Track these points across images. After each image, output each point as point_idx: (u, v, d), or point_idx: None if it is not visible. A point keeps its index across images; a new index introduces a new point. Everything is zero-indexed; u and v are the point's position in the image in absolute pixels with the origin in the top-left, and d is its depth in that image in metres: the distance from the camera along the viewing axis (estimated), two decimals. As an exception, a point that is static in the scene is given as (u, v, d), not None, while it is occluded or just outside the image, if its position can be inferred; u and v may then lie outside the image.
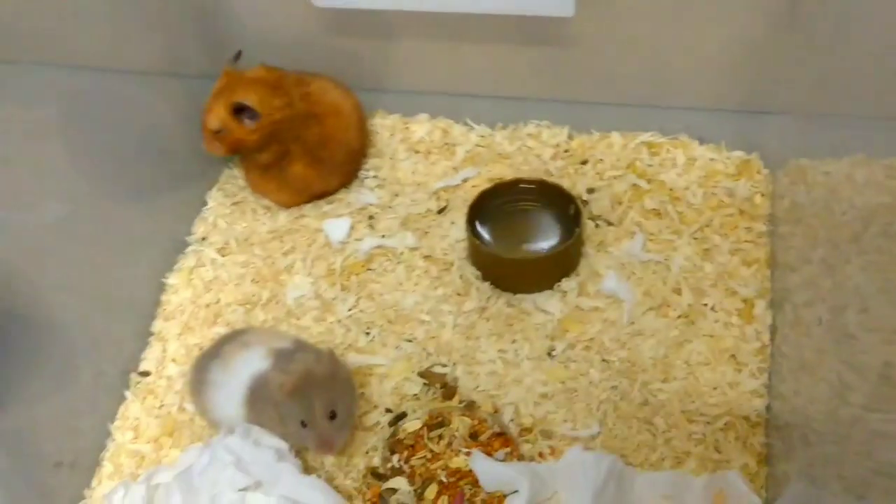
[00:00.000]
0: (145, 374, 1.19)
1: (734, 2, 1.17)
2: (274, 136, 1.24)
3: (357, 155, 1.33)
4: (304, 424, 1.00)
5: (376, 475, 1.03)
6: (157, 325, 1.23)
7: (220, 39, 1.33)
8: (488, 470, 0.97)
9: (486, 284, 1.18)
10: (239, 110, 1.22)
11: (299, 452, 1.04)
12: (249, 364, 1.04)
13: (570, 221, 1.18)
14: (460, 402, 1.07)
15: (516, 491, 0.95)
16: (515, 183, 1.23)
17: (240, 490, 0.97)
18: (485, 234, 1.20)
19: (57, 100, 1.16)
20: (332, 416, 1.00)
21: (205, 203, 1.36)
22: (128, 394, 1.17)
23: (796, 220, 1.08)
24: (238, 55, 1.25)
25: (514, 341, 1.13)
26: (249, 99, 1.21)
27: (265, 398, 1.02)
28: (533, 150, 1.32)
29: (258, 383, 1.03)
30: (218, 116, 1.22)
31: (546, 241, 1.18)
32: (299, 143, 1.27)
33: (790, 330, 1.03)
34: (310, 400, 0.99)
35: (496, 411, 1.06)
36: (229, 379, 1.05)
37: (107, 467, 1.12)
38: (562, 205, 1.19)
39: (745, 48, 1.21)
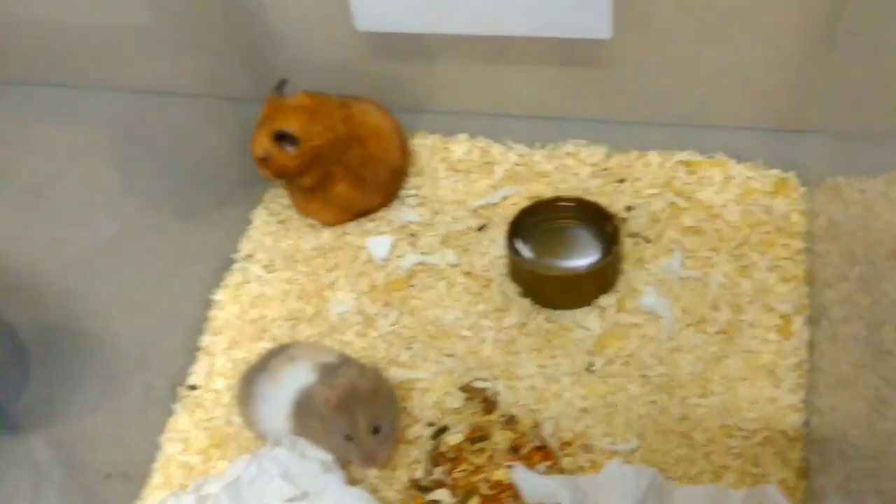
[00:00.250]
0: (193, 387, 1.21)
1: (771, 22, 1.18)
2: (315, 161, 1.27)
3: (398, 174, 1.36)
4: (348, 438, 1.02)
5: (419, 487, 1.05)
6: (205, 340, 1.26)
7: (266, 63, 1.36)
8: (530, 482, 0.99)
9: (526, 301, 1.20)
10: (280, 137, 1.25)
11: (343, 465, 1.06)
12: (296, 378, 1.06)
13: (608, 239, 1.20)
14: (501, 416, 1.09)
15: (558, 503, 0.96)
16: (554, 200, 1.25)
17: (287, 501, 0.99)
18: (525, 250, 1.21)
19: (109, 122, 1.19)
20: (376, 430, 1.02)
21: (250, 221, 1.39)
22: (176, 407, 1.19)
23: (833, 237, 1.09)
24: (282, 84, 1.28)
25: (553, 356, 1.14)
26: (290, 126, 1.24)
27: (311, 411, 1.04)
28: (571, 168, 1.34)
29: (304, 396, 1.05)
30: (262, 145, 1.25)
31: (585, 258, 1.20)
32: (341, 165, 1.29)
33: (828, 346, 1.04)
34: (354, 414, 1.01)
35: (536, 425, 1.08)
36: (276, 392, 1.07)
37: (156, 478, 1.14)
38: (600, 222, 1.21)
39: (781, 67, 1.22)
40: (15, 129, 1.14)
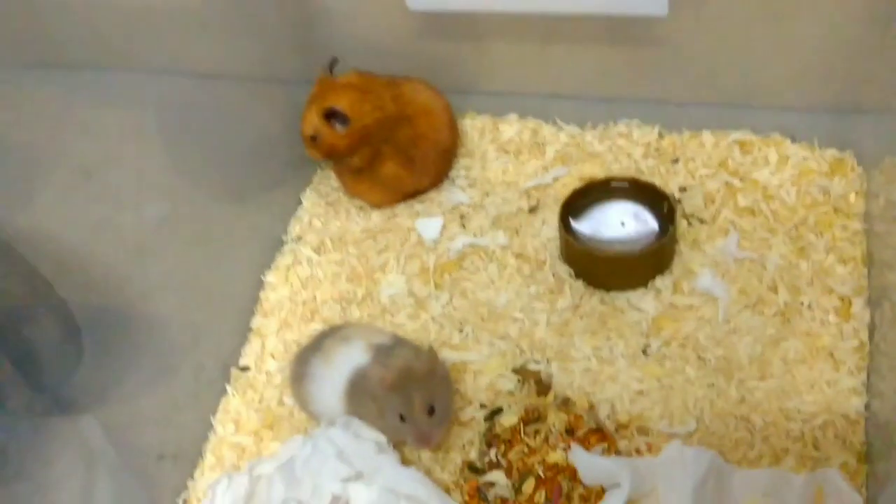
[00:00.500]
0: (245, 368, 1.21)
1: (828, 1, 1.16)
2: (364, 140, 1.27)
3: (448, 154, 1.35)
4: (402, 419, 1.01)
5: (473, 469, 1.05)
6: (256, 322, 1.26)
7: (317, 45, 1.35)
8: (588, 464, 0.98)
9: (579, 282, 1.19)
10: (330, 115, 1.24)
11: (396, 446, 1.06)
12: (350, 358, 1.06)
13: (663, 219, 1.18)
14: (555, 398, 1.08)
15: (617, 484, 0.95)
16: (608, 181, 1.23)
17: (342, 480, 0.99)
18: (579, 231, 1.20)
19: (160, 104, 1.19)
20: (431, 411, 1.01)
21: (300, 203, 1.39)
22: (228, 388, 1.20)
23: (892, 218, 1.07)
24: (333, 63, 1.28)
25: (608, 338, 1.13)
26: (340, 104, 1.23)
27: (365, 392, 1.04)
28: (623, 148, 1.33)
29: (358, 377, 1.05)
30: (311, 123, 1.25)
31: (640, 239, 1.18)
32: (391, 144, 1.29)
33: (889, 328, 1.02)
34: (409, 395, 1.01)
35: (592, 407, 1.07)
36: (330, 372, 1.07)
37: (209, 459, 1.14)
38: (655, 203, 1.20)
39: (838, 47, 1.20)
40: (66, 111, 1.14)
